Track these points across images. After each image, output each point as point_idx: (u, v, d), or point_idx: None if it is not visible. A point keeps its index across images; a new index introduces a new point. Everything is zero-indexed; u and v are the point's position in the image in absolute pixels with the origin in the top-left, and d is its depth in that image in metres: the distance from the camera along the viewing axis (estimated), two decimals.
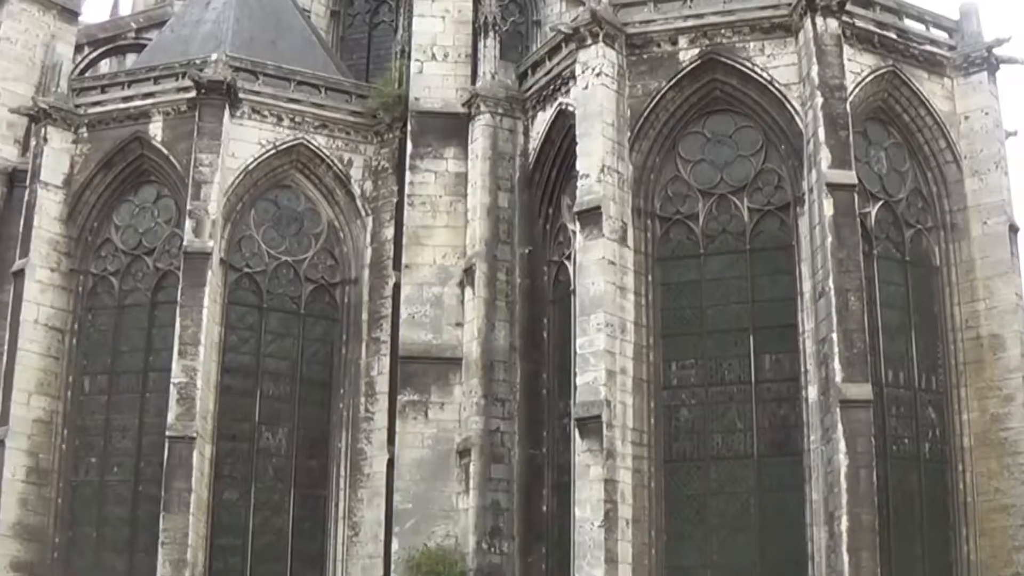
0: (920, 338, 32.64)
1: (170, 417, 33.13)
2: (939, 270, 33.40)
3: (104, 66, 48.61)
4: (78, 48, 43.45)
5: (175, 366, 33.57)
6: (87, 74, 44.52)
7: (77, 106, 37.90)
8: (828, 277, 29.38)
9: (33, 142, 37.97)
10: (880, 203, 32.62)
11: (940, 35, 34.57)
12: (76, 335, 36.89)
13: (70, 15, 41.34)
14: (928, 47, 34.12)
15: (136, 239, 37.32)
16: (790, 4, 32.07)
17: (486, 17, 37.00)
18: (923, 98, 33.68)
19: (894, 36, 33.43)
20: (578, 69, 32.62)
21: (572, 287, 32.29)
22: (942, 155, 33.90)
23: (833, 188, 29.88)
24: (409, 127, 36.85)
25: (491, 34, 36.69)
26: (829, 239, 29.53)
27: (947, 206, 33.73)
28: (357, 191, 37.63)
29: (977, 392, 32.45)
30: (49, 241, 36.71)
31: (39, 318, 36.13)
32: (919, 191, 33.64)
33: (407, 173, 36.45)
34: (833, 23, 31.39)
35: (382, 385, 36.11)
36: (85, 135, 37.85)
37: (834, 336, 28.94)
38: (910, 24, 34.12)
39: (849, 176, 30.14)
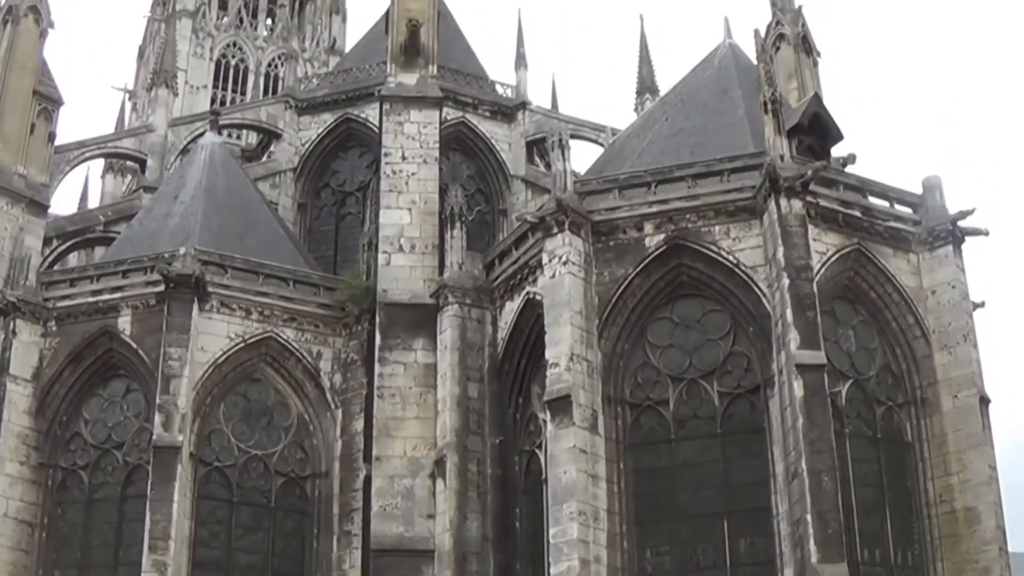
0: (895, 514, 32.31)
1: None
2: (911, 446, 33.12)
3: (73, 259, 48.76)
4: (46, 241, 43.46)
5: (145, 561, 33.13)
6: (56, 267, 44.55)
7: (46, 299, 37.91)
8: (800, 458, 29.17)
9: (1, 335, 37.75)
10: (850, 382, 32.48)
11: (904, 211, 34.73)
12: (46, 529, 36.44)
13: (38, 208, 41.42)
14: (893, 223, 34.26)
15: (105, 433, 37.07)
16: (754, 187, 32.40)
17: (452, 208, 37.44)
18: (889, 275, 33.74)
19: (858, 214, 33.62)
20: (545, 258, 32.82)
21: (544, 476, 32.13)
22: (910, 331, 33.80)
23: (803, 369, 29.80)
24: (378, 319, 37.19)
25: (458, 224, 37.08)
26: (800, 420, 29.39)
27: (917, 381, 33.53)
28: (327, 384, 37.65)
29: (954, 566, 32.00)
30: (18, 435, 36.43)
31: (8, 511, 35.74)
32: (889, 368, 33.53)
33: (376, 365, 36.72)
34: (797, 204, 31.61)
35: None
36: (54, 328, 37.77)
37: (808, 517, 28.66)
38: (874, 201, 34.34)
39: (818, 356, 30.11)
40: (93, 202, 62.53)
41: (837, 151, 35.68)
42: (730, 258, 32.42)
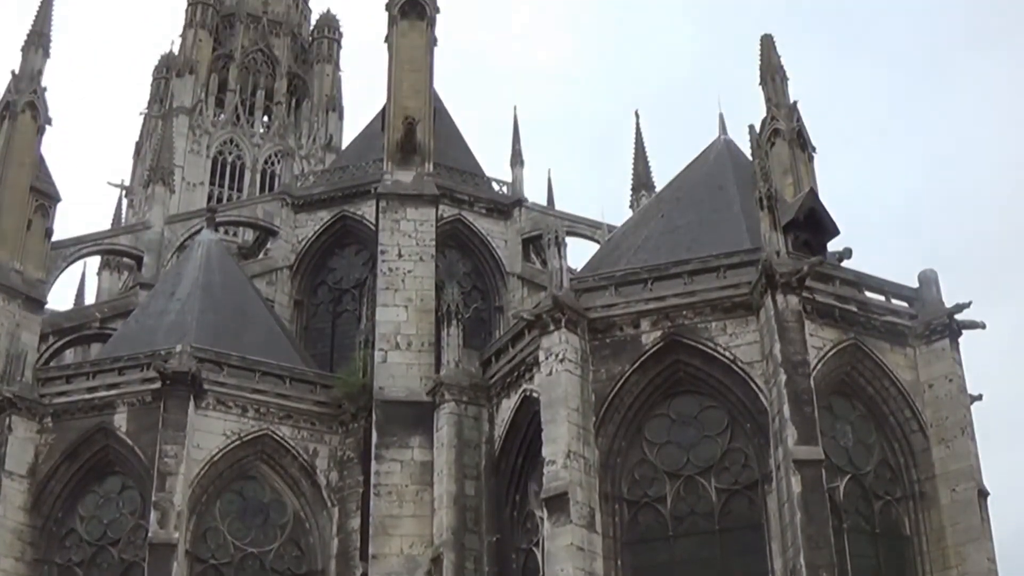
0: None
1: None
2: (910, 540, 32.90)
3: (69, 355, 48.80)
4: (43, 337, 43.56)
5: None
6: (52, 363, 44.57)
7: (42, 396, 37.88)
8: (799, 554, 28.97)
9: None
10: (848, 476, 32.31)
11: (901, 305, 34.75)
12: None
13: (35, 304, 41.52)
14: (889, 318, 34.26)
15: (101, 530, 36.90)
16: (750, 283, 32.45)
17: (448, 305, 37.51)
18: (886, 369, 33.67)
19: (855, 309, 33.64)
20: (541, 355, 32.83)
21: (541, 574, 31.93)
22: (908, 425, 33.69)
23: (800, 465, 29.68)
24: (374, 416, 37.14)
25: (454, 322, 37.10)
26: (798, 516, 29.23)
27: (915, 475, 33.37)
28: (323, 481, 37.47)
29: None
30: (13, 530, 36.26)
31: None
32: (886, 462, 33.38)
33: (373, 462, 36.57)
34: (794, 300, 31.64)
35: None
36: (50, 425, 37.67)
37: None
38: (870, 296, 34.40)
39: (816, 452, 29.98)
40: (89, 299, 62.78)
41: (833, 246, 35.80)
42: (727, 354, 32.45)
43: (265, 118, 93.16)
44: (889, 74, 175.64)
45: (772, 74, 40.37)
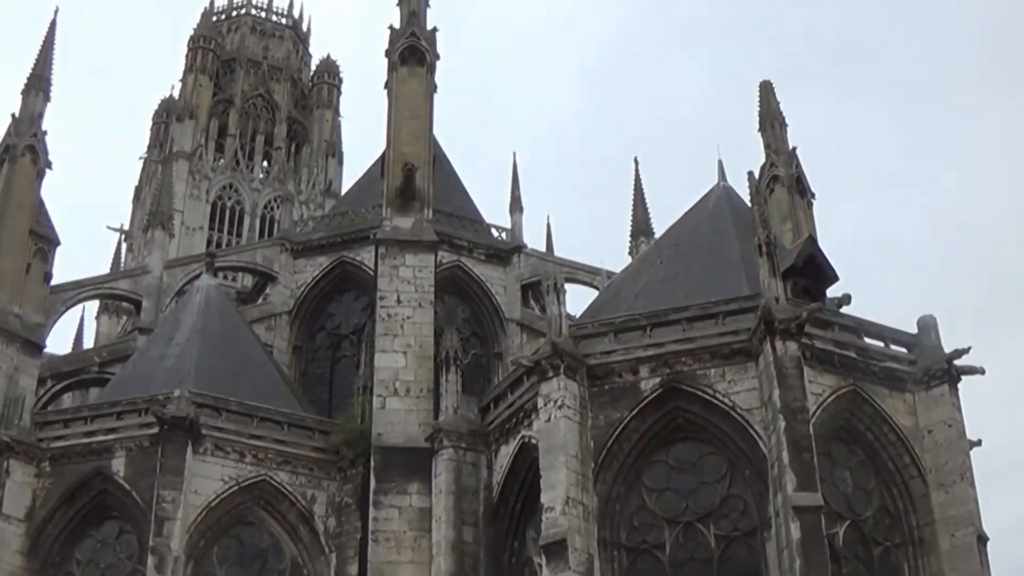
0: None
1: None
2: None
3: (67, 399, 48.78)
4: (41, 381, 43.55)
5: None
6: (50, 407, 44.51)
7: (40, 440, 37.88)
8: None
9: None
10: (847, 523, 32.19)
11: (900, 351, 34.70)
12: None
13: (33, 348, 41.52)
14: (888, 363, 34.21)
15: (98, 574, 36.80)
16: (749, 329, 32.42)
17: (447, 352, 37.46)
18: (885, 415, 33.61)
19: (854, 355, 33.59)
20: (540, 402, 32.79)
21: None
22: (907, 470, 33.59)
23: (799, 511, 29.60)
24: (372, 463, 37.07)
25: (453, 368, 37.04)
26: (797, 562, 29.12)
27: (914, 521, 33.29)
28: (321, 527, 37.35)
29: None
30: (11, 574, 36.16)
31: None
32: (886, 508, 33.30)
33: (371, 509, 36.50)
34: (793, 346, 31.60)
35: None
36: (47, 469, 37.69)
37: None
38: (869, 342, 34.35)
39: (815, 498, 29.91)
40: (88, 343, 62.76)
41: (832, 292, 35.84)
42: (726, 401, 32.39)
43: (265, 163, 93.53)
44: (888, 119, 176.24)
45: (771, 120, 40.59)
